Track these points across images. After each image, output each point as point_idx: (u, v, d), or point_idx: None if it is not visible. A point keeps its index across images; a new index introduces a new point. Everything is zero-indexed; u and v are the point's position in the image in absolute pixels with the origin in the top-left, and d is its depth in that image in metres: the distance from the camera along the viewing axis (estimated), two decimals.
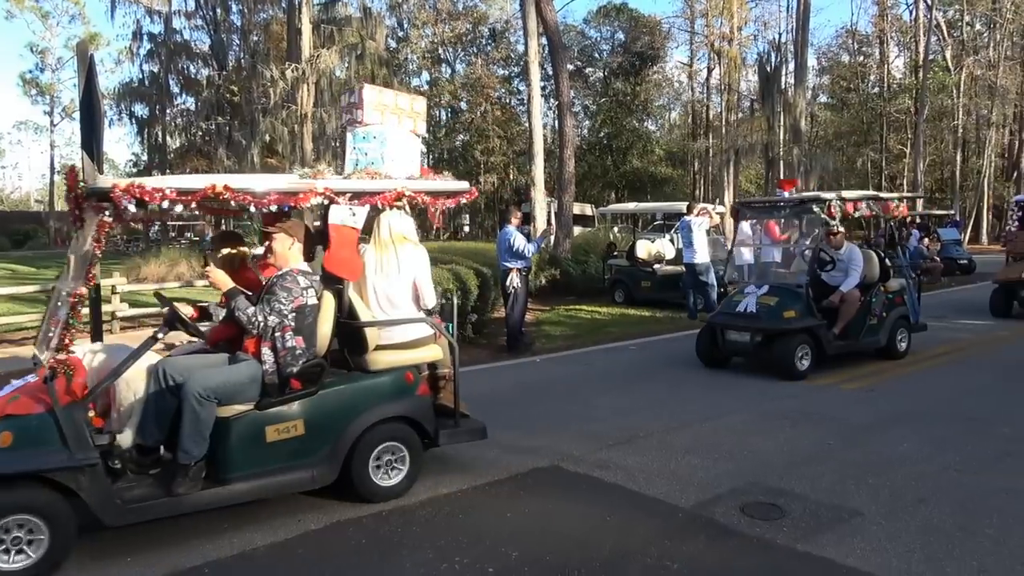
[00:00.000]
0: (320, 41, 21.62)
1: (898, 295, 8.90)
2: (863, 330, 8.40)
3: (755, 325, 7.90)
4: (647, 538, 4.05)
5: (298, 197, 4.27)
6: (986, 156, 40.10)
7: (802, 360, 7.77)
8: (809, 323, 7.84)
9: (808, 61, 26.13)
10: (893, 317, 8.71)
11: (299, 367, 4.27)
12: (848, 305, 8.19)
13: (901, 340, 8.87)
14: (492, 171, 40.26)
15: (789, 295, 8.00)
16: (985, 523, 4.18)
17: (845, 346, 8.28)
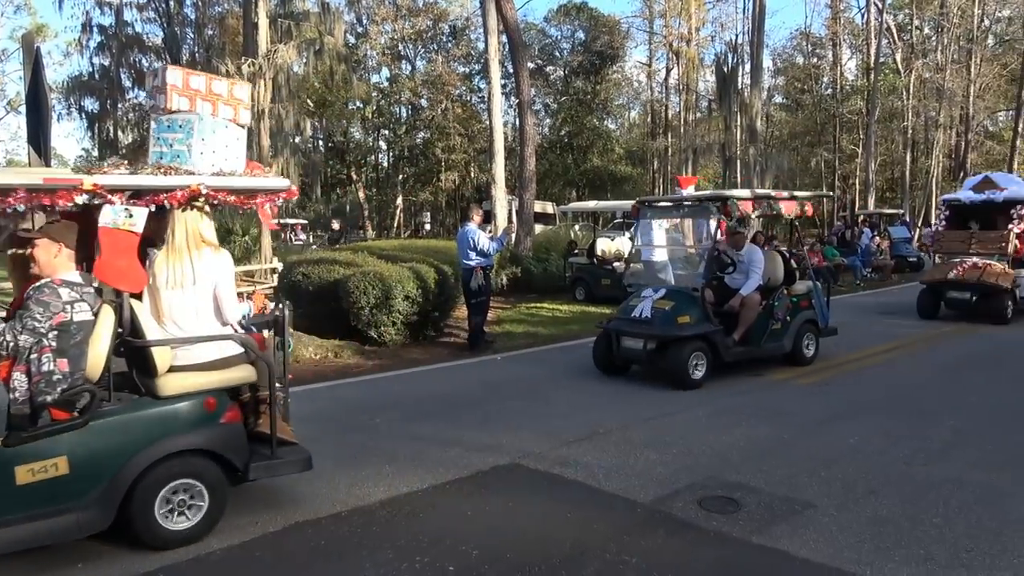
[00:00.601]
0: (277, 36, 21.25)
1: (804, 298, 8.50)
2: (765, 335, 7.98)
3: (647, 331, 7.45)
4: (606, 534, 4.09)
5: (55, 195, 3.63)
6: (934, 156, 41.24)
7: (696, 369, 7.34)
8: (704, 329, 7.44)
9: (763, 62, 26.62)
10: (799, 322, 8.32)
11: (57, 394, 3.62)
12: (748, 309, 7.79)
13: (808, 346, 8.48)
14: (453, 169, 40.15)
15: (684, 299, 7.59)
16: (932, 512, 4.32)
17: (745, 353, 7.89)
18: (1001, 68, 44.49)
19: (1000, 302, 11.27)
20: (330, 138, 41.22)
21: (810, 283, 8.71)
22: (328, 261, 10.69)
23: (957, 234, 12.28)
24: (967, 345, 9.93)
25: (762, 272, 8.01)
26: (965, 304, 11.53)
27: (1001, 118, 49.75)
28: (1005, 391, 7.33)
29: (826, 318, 8.79)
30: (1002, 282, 11.18)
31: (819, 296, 8.73)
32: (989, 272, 11.28)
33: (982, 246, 11.75)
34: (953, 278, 11.58)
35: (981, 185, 12.14)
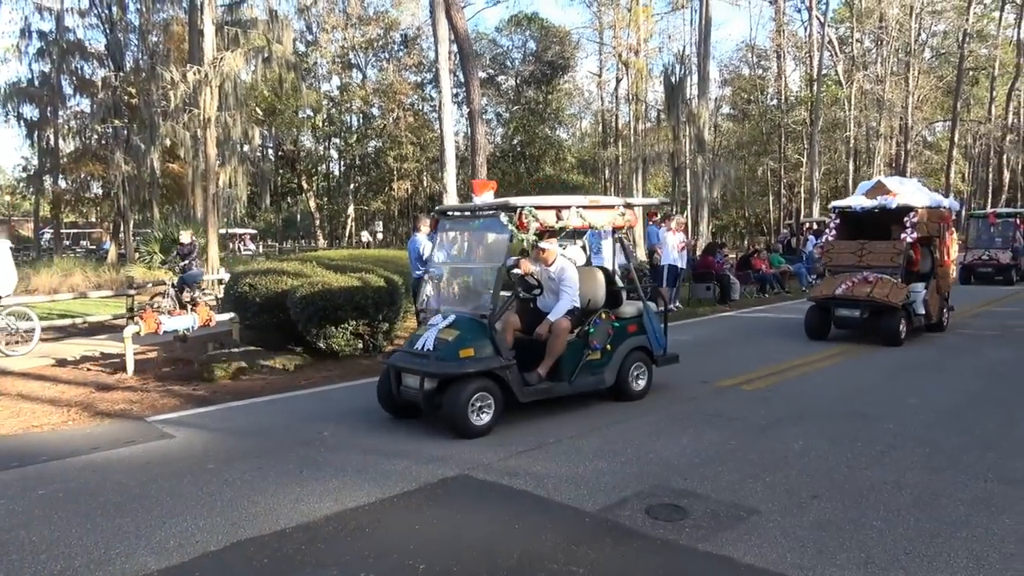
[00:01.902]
0: (224, 43, 20.91)
1: (633, 322, 7.30)
2: (578, 368, 6.77)
3: (423, 367, 6.13)
4: (554, 544, 4.07)
5: None
6: (876, 165, 42.55)
7: (480, 413, 6.05)
8: (490, 365, 6.12)
9: (711, 73, 27.15)
10: (625, 350, 7.10)
11: None
12: (556, 337, 6.55)
13: (638, 377, 7.28)
14: (405, 178, 40.00)
15: (471, 328, 6.25)
16: (872, 515, 4.41)
17: (550, 390, 6.59)
18: (937, 80, 46.24)
19: (892, 321, 10.20)
20: (280, 147, 40.68)
21: (640, 304, 7.45)
22: (276, 272, 10.50)
23: (847, 245, 11.11)
24: (909, 348, 10.21)
25: (576, 292, 6.82)
26: (855, 322, 10.46)
27: (938, 128, 51.68)
28: (943, 393, 7.55)
29: (662, 344, 7.59)
30: (893, 299, 10.08)
31: (652, 319, 7.49)
32: (880, 288, 10.18)
33: (874, 258, 10.63)
34: (841, 294, 10.42)
35: (874, 191, 11.02)
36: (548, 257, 6.91)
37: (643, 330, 7.41)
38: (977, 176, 53.27)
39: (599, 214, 6.97)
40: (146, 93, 24.07)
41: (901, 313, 10.25)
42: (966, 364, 9.13)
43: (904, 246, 10.38)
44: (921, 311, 10.69)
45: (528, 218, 6.30)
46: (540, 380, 6.57)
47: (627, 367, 7.16)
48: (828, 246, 11.45)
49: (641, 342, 7.35)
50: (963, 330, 11.92)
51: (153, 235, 20.99)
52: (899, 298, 10.13)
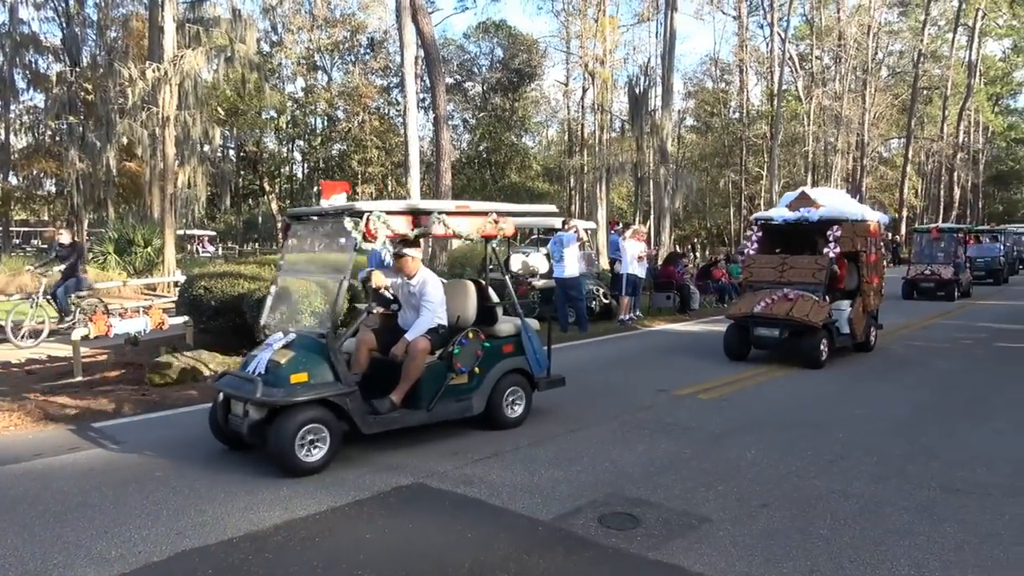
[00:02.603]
0: (185, 41, 20.59)
1: (509, 342, 6.62)
2: (439, 393, 6.00)
3: (248, 394, 5.38)
4: (506, 553, 4.06)
5: None
6: (833, 180, 43.48)
7: (311, 448, 5.28)
8: (324, 392, 5.35)
9: (674, 86, 27.51)
10: (498, 373, 6.39)
11: None
12: (411, 359, 5.85)
13: (513, 403, 6.58)
14: (370, 182, 39.76)
15: (308, 349, 5.54)
16: (820, 524, 4.48)
17: (402, 419, 5.84)
18: (893, 98, 47.54)
19: (812, 341, 9.49)
20: (242, 147, 40.13)
21: (518, 322, 6.73)
22: (232, 275, 10.34)
23: (768, 259, 10.49)
24: (860, 360, 10.42)
25: (438, 309, 6.17)
26: (774, 342, 9.74)
27: (893, 145, 53.07)
28: (892, 404, 7.72)
29: (544, 365, 6.86)
30: (813, 318, 9.38)
31: (532, 338, 6.76)
32: (800, 306, 9.49)
33: (795, 274, 9.98)
34: (760, 312, 9.70)
35: (797, 202, 10.32)
36: (409, 269, 6.20)
37: (521, 350, 6.67)
38: (929, 192, 54.78)
39: (467, 221, 6.27)
40: (103, 89, 23.56)
41: (822, 333, 9.57)
42: (914, 375, 9.36)
43: (827, 261, 9.78)
44: (846, 330, 10.19)
45: (376, 225, 5.54)
46: (392, 408, 5.79)
47: (500, 392, 6.44)
48: (748, 260, 10.80)
49: (518, 364, 6.62)
50: (912, 342, 12.22)
51: (108, 235, 20.54)
52: (820, 317, 9.44)
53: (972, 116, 53.50)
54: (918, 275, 19.73)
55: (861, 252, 10.48)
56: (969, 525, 4.46)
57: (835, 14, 44.74)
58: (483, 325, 6.56)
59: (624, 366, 9.81)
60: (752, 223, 11.28)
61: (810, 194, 10.40)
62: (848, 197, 11.53)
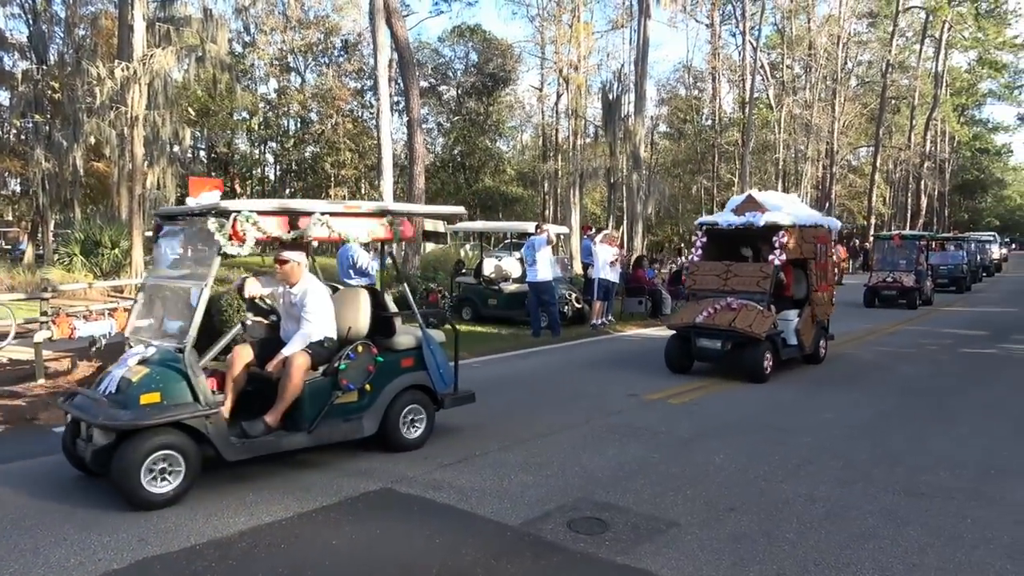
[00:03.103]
0: (155, 40, 20.29)
1: (408, 355, 6.09)
2: (322, 413, 5.42)
3: (92, 417, 4.80)
4: (474, 559, 4.04)
5: None
6: (803, 187, 44.11)
7: (160, 478, 4.69)
8: (181, 414, 4.76)
9: (647, 92, 27.76)
10: (394, 390, 5.86)
11: None
12: (288, 376, 5.27)
13: (413, 423, 6.02)
14: (343, 184, 39.51)
15: (163, 365, 4.92)
16: (786, 528, 4.52)
17: (276, 443, 5.24)
18: (862, 107, 48.38)
19: (755, 354, 8.97)
20: (213, 149, 39.66)
21: (419, 333, 6.24)
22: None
23: (712, 266, 9.89)
24: (827, 365, 10.55)
25: (323, 320, 5.60)
26: (716, 354, 9.26)
27: (862, 153, 53.96)
28: (858, 408, 7.82)
29: (449, 381, 6.35)
30: (756, 329, 8.88)
31: (435, 351, 6.24)
32: (744, 316, 9.03)
33: (739, 282, 9.48)
34: (702, 323, 9.23)
35: (743, 206, 9.78)
36: (290, 275, 5.60)
37: (422, 365, 6.15)
38: (897, 200, 55.82)
39: (354, 223, 5.67)
40: (70, 88, 23.13)
41: (766, 345, 9.05)
42: (880, 380, 9.49)
43: (772, 269, 9.27)
44: (793, 341, 9.75)
45: (244, 226, 4.94)
46: (267, 430, 5.20)
47: (397, 411, 5.89)
48: (692, 267, 10.25)
49: (418, 380, 6.08)
50: (880, 347, 12.40)
51: (74, 236, 20.15)
52: (764, 328, 8.94)
53: (939, 126, 54.61)
54: (880, 282, 19.51)
55: (810, 259, 10.04)
56: (932, 528, 4.53)
57: (805, 24, 45.44)
58: (379, 337, 6.02)
59: (595, 371, 9.84)
60: (697, 228, 10.66)
61: (757, 198, 9.78)
62: (798, 202, 11.00)
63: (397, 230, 5.93)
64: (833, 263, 10.89)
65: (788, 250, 9.34)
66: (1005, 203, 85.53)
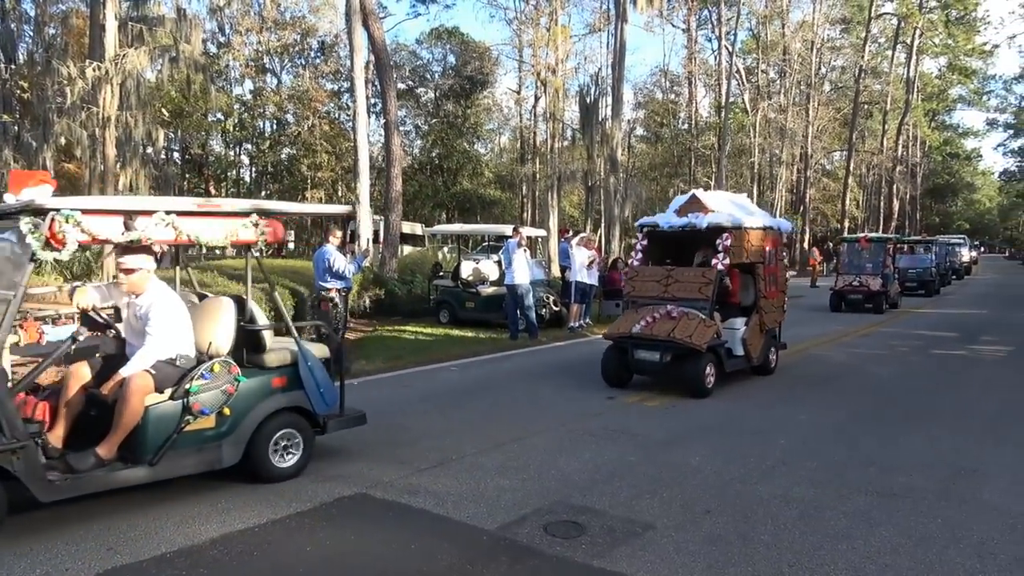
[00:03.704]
0: (128, 40, 20.00)
1: (280, 374, 5.38)
2: (168, 442, 4.72)
3: None
4: (450, 564, 4.01)
5: None
6: (778, 191, 44.62)
7: None
8: None
9: (624, 96, 27.82)
10: (261, 413, 5.16)
11: None
12: (124, 400, 4.59)
13: (287, 450, 5.34)
14: (319, 187, 39.19)
15: None
16: (761, 530, 4.54)
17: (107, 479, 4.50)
18: (836, 112, 49.00)
19: (695, 367, 8.27)
20: (187, 150, 39.20)
21: (294, 348, 5.49)
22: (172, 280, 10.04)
23: (652, 271, 9.20)
24: (800, 367, 10.65)
25: (169, 335, 4.88)
26: (655, 367, 8.56)
27: (836, 158, 54.67)
28: (832, 410, 7.89)
29: (331, 400, 5.64)
30: (697, 340, 8.16)
31: (314, 367, 5.54)
32: (684, 325, 8.34)
33: (680, 288, 8.78)
34: (639, 333, 8.55)
35: (686, 206, 9.18)
36: (132, 284, 4.93)
37: (298, 384, 5.44)
38: (870, 204, 56.60)
39: (210, 224, 4.98)
40: (40, 88, 22.70)
41: (708, 357, 8.38)
42: (853, 382, 9.59)
43: (714, 274, 8.60)
44: (739, 352, 9.12)
45: (63, 227, 4.25)
46: (98, 463, 4.48)
47: (265, 437, 5.18)
48: (631, 273, 9.53)
49: (293, 401, 5.39)
50: (853, 348, 12.54)
51: None
52: (705, 339, 8.24)
53: (910, 131, 55.49)
54: (846, 286, 19.10)
55: (758, 263, 9.38)
56: (904, 529, 4.57)
57: (780, 30, 45.96)
58: (249, 353, 5.43)
59: (573, 373, 9.84)
60: (637, 230, 9.85)
61: (702, 198, 9.15)
62: (748, 202, 10.35)
63: (263, 232, 5.21)
64: (784, 267, 10.26)
65: (732, 254, 8.74)
66: (975, 207, 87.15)
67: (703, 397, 8.30)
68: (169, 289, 5.21)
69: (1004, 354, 12.16)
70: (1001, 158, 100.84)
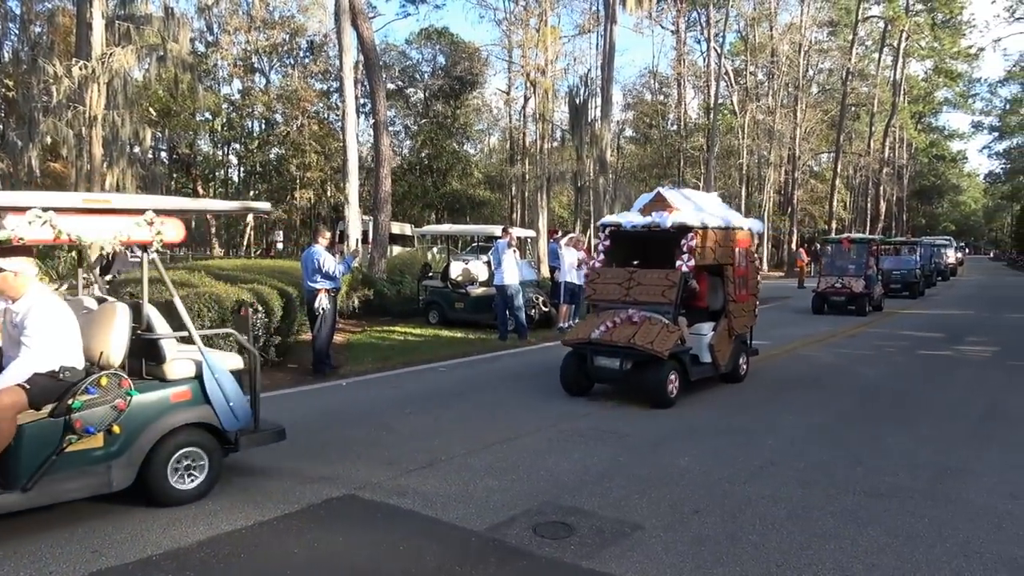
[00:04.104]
0: (115, 39, 19.86)
1: (182, 387, 4.90)
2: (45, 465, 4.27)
3: None
4: (438, 565, 4.00)
5: None
6: (766, 192, 44.84)
7: None
8: None
9: (614, 97, 27.95)
10: (158, 431, 4.70)
11: None
12: None
13: (189, 470, 4.88)
14: (308, 187, 39.09)
15: None
16: (749, 529, 4.55)
17: None
18: (823, 114, 49.29)
19: (657, 375, 7.72)
20: (174, 150, 38.98)
21: (199, 358, 5.02)
22: (159, 281, 9.96)
23: (615, 273, 8.67)
24: (788, 367, 10.70)
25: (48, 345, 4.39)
26: (615, 375, 8.05)
27: (823, 159, 55.00)
28: (819, 410, 7.92)
29: (243, 415, 5.14)
30: (658, 346, 7.63)
31: (222, 379, 5.08)
32: (645, 331, 7.82)
33: (643, 291, 8.28)
34: (598, 339, 8.01)
35: (651, 204, 8.73)
36: (9, 288, 4.45)
37: (203, 398, 4.96)
38: (857, 205, 56.98)
39: (96, 222, 4.50)
40: (26, 87, 22.51)
41: (670, 365, 7.83)
42: (841, 382, 9.64)
43: (678, 276, 8.10)
44: (706, 358, 8.64)
45: None
46: None
47: (163, 457, 4.72)
48: (592, 275, 8.97)
49: (199, 416, 4.91)
50: (840, 349, 12.60)
51: None
52: (667, 345, 7.70)
53: (897, 133, 55.94)
54: (828, 288, 18.67)
55: (727, 265, 8.89)
56: (891, 528, 4.59)
57: (768, 32, 46.19)
58: (148, 363, 4.98)
59: None
60: (600, 229, 9.34)
61: (667, 196, 8.75)
62: (717, 201, 9.85)
63: (158, 232, 4.72)
64: (756, 268, 9.76)
65: (698, 255, 8.25)
66: (960, 208, 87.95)
67: (666, 407, 7.77)
68: (52, 293, 4.70)
69: (989, 354, 12.26)
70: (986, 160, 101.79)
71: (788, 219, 45.07)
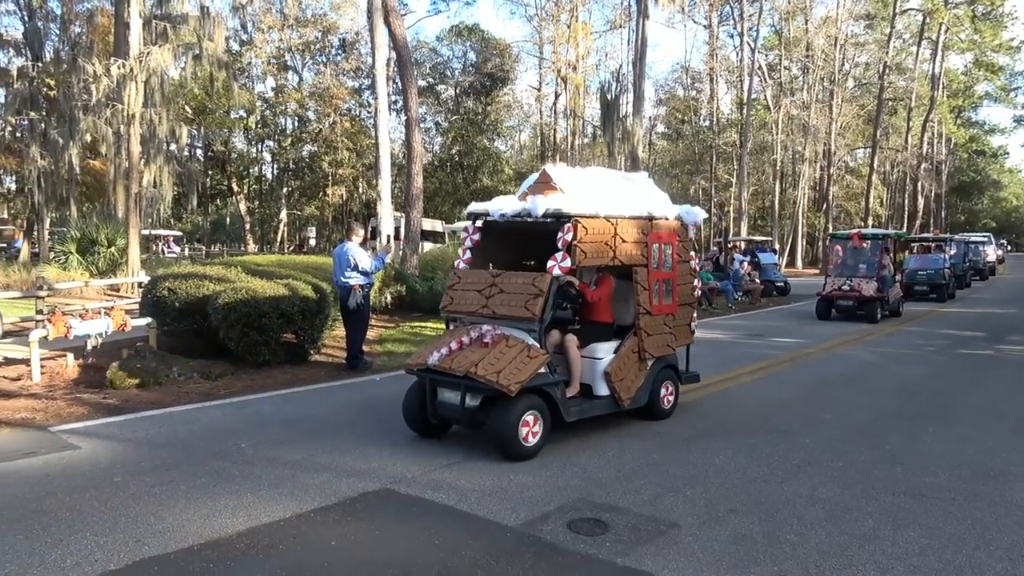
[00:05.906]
0: (152, 38, 20.20)
1: None
2: None
3: None
4: (474, 560, 4.01)
5: None
6: (800, 188, 44.18)
7: None
8: None
9: (646, 92, 27.74)
10: None
11: None
12: None
13: None
14: (340, 183, 39.42)
15: None
16: (786, 529, 4.50)
17: None
18: (859, 109, 48.40)
19: (504, 416, 5.67)
20: (210, 147, 39.57)
21: None
22: (197, 276, 10.15)
23: (476, 277, 6.56)
24: (825, 365, 10.55)
25: None
26: (457, 413, 5.99)
27: (859, 155, 54.05)
28: (856, 409, 7.80)
29: None
30: (505, 379, 5.56)
31: None
32: (495, 356, 5.78)
33: (505, 301, 6.14)
34: (436, 364, 5.99)
35: (533, 187, 6.69)
36: None
37: None
38: (894, 201, 55.87)
39: None
40: (66, 85, 23.02)
41: (525, 403, 5.72)
42: (877, 381, 9.48)
43: (547, 282, 5.96)
44: (603, 391, 6.56)
45: None
46: None
47: None
48: (453, 278, 6.83)
49: None
50: (876, 348, 12.39)
51: (70, 234, 20.07)
52: (520, 377, 5.61)
53: (935, 128, 54.71)
54: (835, 291, 16.43)
55: (638, 266, 6.78)
56: (932, 530, 4.51)
57: (803, 25, 45.48)
58: None
59: None
60: (468, 219, 7.11)
61: (552, 174, 6.57)
62: (638, 181, 7.48)
63: None
64: (691, 270, 7.62)
65: (581, 253, 6.11)
66: (1001, 205, 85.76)
67: (519, 460, 5.70)
68: None
69: None
70: None
71: (823, 215, 44.39)
